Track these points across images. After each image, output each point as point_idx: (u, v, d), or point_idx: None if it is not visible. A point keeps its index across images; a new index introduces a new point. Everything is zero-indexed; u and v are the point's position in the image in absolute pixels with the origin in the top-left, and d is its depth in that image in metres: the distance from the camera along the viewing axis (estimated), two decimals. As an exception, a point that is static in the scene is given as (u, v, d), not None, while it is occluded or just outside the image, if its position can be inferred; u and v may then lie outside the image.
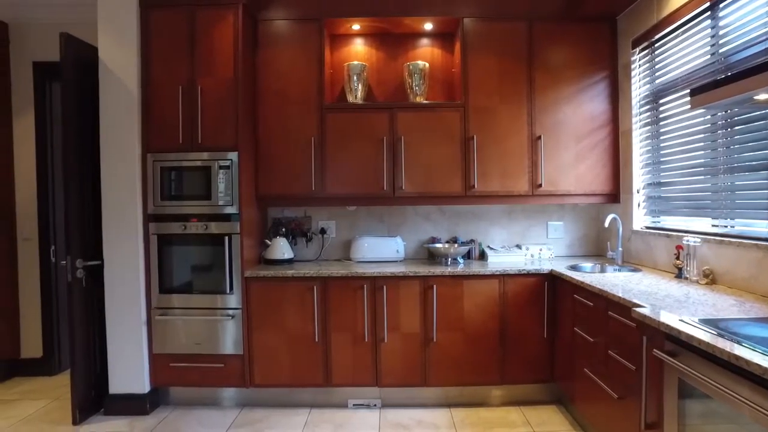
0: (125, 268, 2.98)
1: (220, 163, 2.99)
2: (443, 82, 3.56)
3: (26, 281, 3.74)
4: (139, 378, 3.00)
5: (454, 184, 3.27)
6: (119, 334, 3.00)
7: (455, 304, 3.02)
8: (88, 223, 3.01)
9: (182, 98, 2.99)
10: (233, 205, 2.99)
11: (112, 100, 2.96)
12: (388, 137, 3.25)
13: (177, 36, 3.01)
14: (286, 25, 3.25)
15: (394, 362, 3.02)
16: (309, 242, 3.57)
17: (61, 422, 2.94)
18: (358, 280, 3.01)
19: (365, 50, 3.57)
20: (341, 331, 3.02)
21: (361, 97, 3.38)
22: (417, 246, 3.62)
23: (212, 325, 3.02)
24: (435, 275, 3.01)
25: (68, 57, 2.84)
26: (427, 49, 3.57)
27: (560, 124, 3.27)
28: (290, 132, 3.24)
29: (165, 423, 2.91)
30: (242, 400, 3.14)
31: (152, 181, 3.01)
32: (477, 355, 3.02)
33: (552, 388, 3.10)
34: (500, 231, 3.63)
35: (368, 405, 3.09)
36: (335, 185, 3.26)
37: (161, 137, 3.01)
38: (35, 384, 3.60)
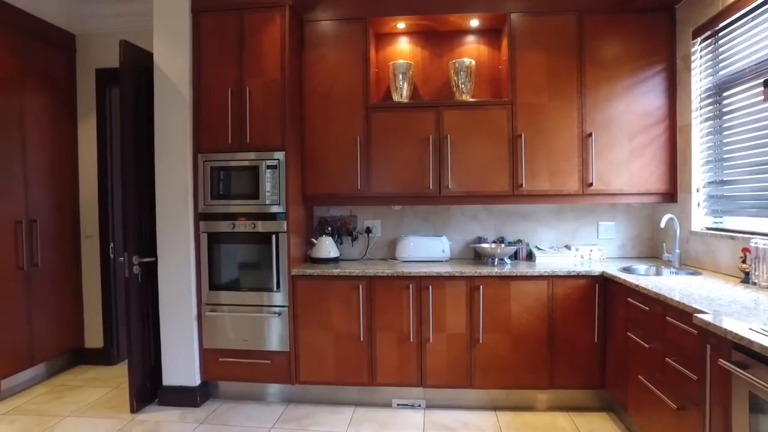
0: (177, 264, 3.09)
1: (267, 162, 3.05)
2: (490, 79, 3.49)
3: (89, 276, 3.96)
4: (190, 371, 3.11)
5: (501, 183, 3.20)
6: (172, 328, 3.12)
7: (502, 306, 2.95)
8: (144, 222, 3.14)
9: (231, 100, 3.07)
10: (280, 204, 3.05)
11: (166, 103, 3.08)
12: (434, 136, 3.22)
13: (226, 39, 3.09)
14: (331, 25, 3.27)
15: (439, 363, 3.00)
16: (354, 241, 3.59)
17: (120, 410, 3.09)
18: (404, 280, 3.00)
19: (410, 48, 3.55)
20: (386, 331, 3.02)
21: (406, 95, 3.36)
22: (463, 246, 3.57)
23: (259, 321, 3.09)
24: (481, 276, 2.96)
25: (126, 63, 2.98)
26: (473, 46, 3.51)
27: (612, 120, 3.14)
28: (336, 131, 3.27)
29: (214, 415, 3.00)
30: (288, 396, 3.19)
31: (202, 180, 3.11)
32: (524, 358, 2.95)
33: (602, 395, 2.99)
34: (548, 231, 3.53)
35: (412, 405, 3.08)
36: (381, 184, 3.26)
37: (211, 138, 3.10)
38: (97, 372, 3.80)
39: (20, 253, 3.40)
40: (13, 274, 3.35)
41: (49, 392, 3.42)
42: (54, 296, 3.69)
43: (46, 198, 3.63)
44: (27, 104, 3.48)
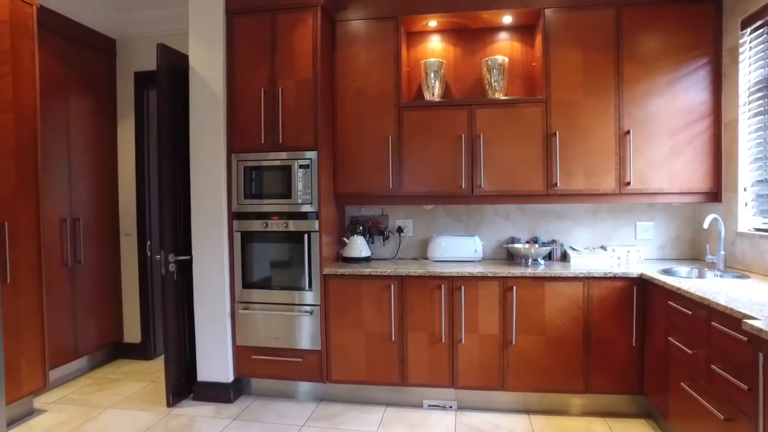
0: (211, 263, 3.15)
1: (299, 162, 3.07)
2: (523, 76, 3.43)
3: (127, 273, 4.09)
4: (224, 368, 3.17)
5: (535, 183, 3.13)
6: (206, 325, 3.18)
7: (536, 307, 2.90)
8: (179, 221, 3.22)
9: (264, 100, 3.11)
10: (312, 204, 3.07)
11: (201, 104, 3.14)
12: (466, 134, 3.18)
13: (259, 41, 3.12)
14: (362, 24, 3.27)
15: (471, 364, 2.96)
16: (386, 240, 3.59)
17: (157, 403, 3.18)
18: (436, 280, 2.97)
19: (442, 47, 3.52)
20: (418, 331, 3.00)
21: (438, 94, 3.33)
22: (496, 246, 3.52)
23: (291, 320, 3.12)
24: (515, 276, 2.90)
25: (163, 65, 3.05)
26: (506, 43, 3.45)
27: (652, 117, 3.03)
28: (368, 131, 3.27)
29: (247, 411, 3.04)
30: (319, 394, 3.21)
31: (236, 180, 3.16)
32: (558, 361, 2.88)
33: (641, 401, 2.89)
34: (584, 231, 3.44)
35: (443, 406, 3.05)
36: (412, 184, 3.24)
37: (244, 138, 3.15)
38: (135, 366, 3.92)
39: (65, 250, 3.54)
40: (59, 270, 3.49)
41: (92, 384, 3.55)
42: (95, 292, 3.82)
43: (88, 197, 3.76)
44: (72, 107, 3.62)
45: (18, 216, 2.85)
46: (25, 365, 2.89)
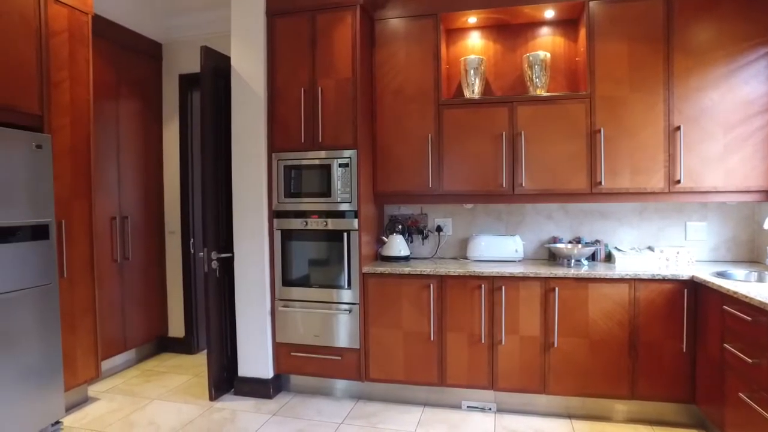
0: (252, 260, 3.21)
1: (339, 161, 3.09)
2: (566, 72, 3.34)
3: (172, 269, 4.22)
4: (264, 364, 3.22)
5: (578, 181, 3.04)
6: (247, 322, 3.24)
7: (579, 309, 2.81)
8: (221, 219, 3.29)
9: (304, 99, 3.14)
10: (352, 202, 3.08)
11: (242, 104, 3.20)
12: (507, 132, 3.12)
13: (299, 41, 3.16)
14: (401, 22, 3.26)
15: (512, 366, 2.90)
16: (425, 240, 3.56)
17: (200, 396, 3.26)
18: (476, 280, 2.93)
19: (482, 43, 3.47)
20: (457, 331, 2.97)
21: (478, 91, 3.28)
22: (537, 246, 3.44)
23: (330, 318, 3.14)
24: (557, 277, 2.83)
25: (207, 67, 3.13)
26: (548, 38, 3.37)
27: (705, 112, 2.89)
28: (407, 129, 3.26)
29: (287, 408, 3.09)
30: (356, 392, 3.22)
31: (276, 179, 3.20)
32: (602, 365, 2.79)
33: (692, 410, 2.76)
34: (629, 231, 3.32)
35: (482, 408, 3.01)
36: (452, 182, 3.20)
37: (285, 137, 3.19)
38: (179, 360, 4.04)
39: (114, 247, 3.69)
40: (109, 266, 3.64)
41: (139, 376, 3.68)
42: (142, 288, 3.97)
43: (135, 196, 3.90)
44: (121, 110, 3.77)
45: (73, 214, 2.98)
46: (80, 355, 3.02)
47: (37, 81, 2.75)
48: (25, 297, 2.59)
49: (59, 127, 2.89)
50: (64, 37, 2.91)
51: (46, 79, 2.80)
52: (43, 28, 2.77)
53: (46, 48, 2.79)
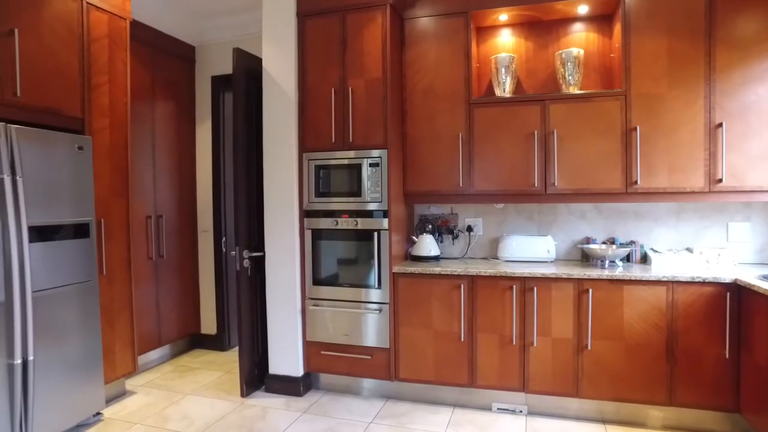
0: (283, 259, 3.25)
1: (369, 160, 3.10)
2: (600, 69, 3.26)
3: (204, 268, 4.31)
4: (294, 362, 3.26)
5: (612, 180, 2.97)
6: (278, 320, 3.28)
7: (613, 311, 2.75)
8: (253, 218, 3.34)
9: (334, 99, 3.16)
10: (382, 202, 3.08)
11: (274, 105, 3.24)
12: (539, 131, 3.07)
13: (329, 41, 3.18)
14: (431, 21, 3.24)
15: (544, 368, 2.86)
16: (455, 239, 3.54)
17: (231, 393, 3.32)
18: (507, 280, 2.90)
19: (513, 41, 3.42)
20: (487, 332, 2.94)
21: (509, 90, 3.24)
22: (569, 246, 3.37)
23: (360, 317, 3.15)
24: (591, 278, 2.77)
25: (239, 68, 3.18)
26: (581, 34, 3.30)
27: (750, 107, 2.78)
28: (437, 128, 3.24)
29: (316, 406, 3.11)
30: (385, 392, 3.22)
31: (307, 179, 3.23)
32: (638, 369, 2.72)
33: (736, 420, 2.66)
34: (667, 232, 3.22)
35: (513, 410, 2.97)
36: (483, 182, 3.17)
37: (315, 137, 3.22)
38: (211, 357, 4.12)
39: (150, 245, 3.79)
40: (145, 264, 3.74)
41: (174, 371, 3.77)
42: (176, 285, 4.06)
43: (169, 195, 4.00)
44: (156, 111, 3.87)
45: (112, 213, 3.08)
46: (119, 350, 3.12)
47: (79, 85, 2.84)
48: (68, 293, 2.69)
49: (99, 129, 2.98)
50: (104, 42, 3.00)
51: (87, 82, 2.89)
52: (85, 34, 2.87)
53: (87, 53, 2.88)
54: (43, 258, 2.55)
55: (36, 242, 2.51)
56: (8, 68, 2.45)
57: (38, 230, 2.52)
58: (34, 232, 2.50)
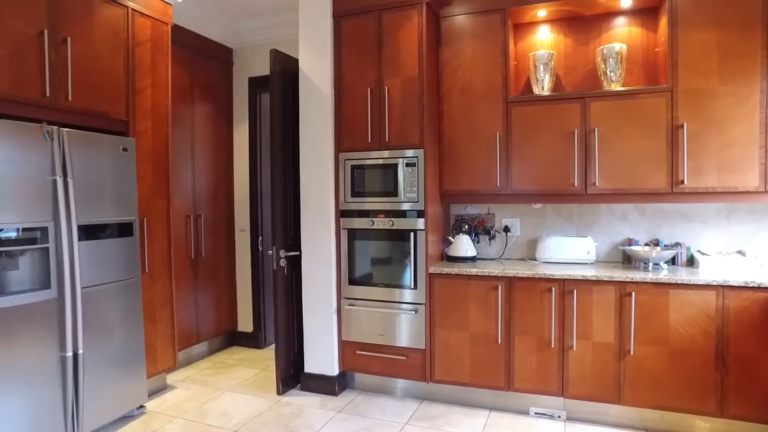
0: (319, 259, 3.27)
1: (405, 160, 3.08)
2: (643, 64, 3.15)
3: (241, 266, 4.38)
4: (330, 361, 3.27)
5: (657, 180, 2.87)
6: (313, 319, 3.31)
7: (658, 316, 2.65)
8: (289, 218, 3.38)
9: (370, 99, 3.16)
10: (418, 202, 3.06)
11: (310, 105, 3.27)
12: (579, 129, 2.99)
13: (365, 40, 3.18)
14: (468, 19, 3.20)
15: (583, 373, 2.78)
16: (492, 240, 3.49)
17: (267, 390, 3.37)
18: (546, 282, 2.83)
19: (551, 37, 3.35)
20: (525, 335, 2.89)
21: (548, 87, 3.17)
22: (610, 248, 3.27)
23: (395, 317, 3.14)
24: (634, 281, 2.68)
25: (276, 69, 3.22)
26: (624, 29, 3.19)
27: (808, 103, 2.63)
28: (474, 127, 3.20)
29: (352, 405, 3.12)
30: (420, 393, 3.21)
31: (343, 178, 3.24)
32: (684, 377, 2.61)
33: (793, 431, 2.53)
34: (715, 234, 3.08)
35: (551, 415, 2.91)
36: (520, 182, 3.12)
37: (351, 137, 3.22)
38: (248, 354, 4.19)
39: (189, 243, 3.88)
40: (185, 262, 3.84)
41: (212, 367, 3.85)
42: (214, 283, 4.15)
43: (208, 195, 4.09)
44: (196, 114, 3.96)
45: (153, 213, 3.17)
46: (160, 346, 3.21)
47: (124, 88, 2.93)
48: (113, 290, 2.78)
49: (142, 131, 3.07)
50: (147, 46, 3.09)
51: (132, 86, 2.98)
52: (130, 39, 2.96)
53: (132, 58, 2.97)
54: (91, 256, 2.64)
55: (84, 240, 2.60)
56: (61, 75, 2.55)
57: (86, 229, 2.62)
58: (82, 230, 2.59)
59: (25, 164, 2.32)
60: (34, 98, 2.44)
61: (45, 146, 2.41)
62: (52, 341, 2.43)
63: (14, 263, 2.31)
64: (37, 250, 2.40)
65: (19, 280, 2.33)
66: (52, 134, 2.44)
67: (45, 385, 2.41)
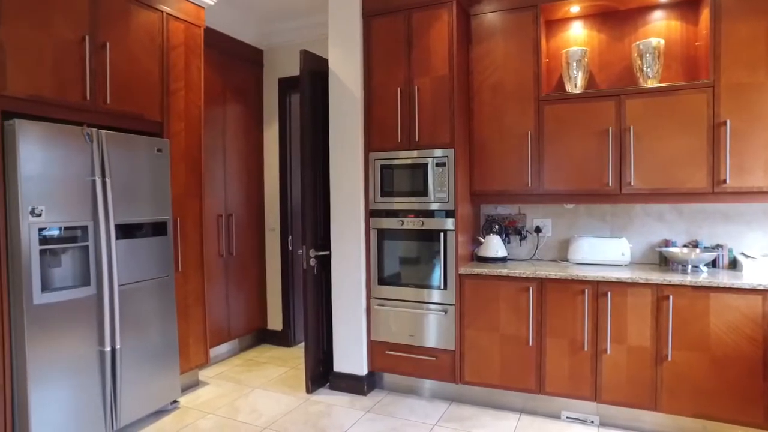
0: (349, 259, 3.28)
1: (435, 160, 3.06)
2: (682, 59, 3.04)
3: (270, 265, 4.44)
4: (358, 361, 3.28)
5: (697, 180, 2.76)
6: (342, 318, 3.32)
7: (698, 320, 2.56)
8: (319, 217, 3.40)
9: (400, 99, 3.15)
10: (448, 202, 3.04)
11: (340, 105, 3.28)
12: (614, 128, 2.91)
13: (395, 40, 3.17)
14: (499, 16, 3.16)
15: (618, 377, 2.71)
16: (523, 240, 3.43)
17: (297, 388, 3.40)
18: (579, 284, 2.77)
19: (584, 34, 3.27)
20: (557, 337, 2.83)
21: (581, 85, 3.10)
22: (645, 249, 3.18)
23: (424, 318, 3.13)
24: (672, 284, 2.59)
25: (305, 69, 3.24)
26: (661, 23, 3.09)
27: None
28: (505, 126, 3.15)
29: (380, 405, 3.12)
30: (449, 394, 3.18)
31: (373, 178, 3.24)
32: (727, 385, 2.51)
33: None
34: (761, 236, 2.95)
35: (584, 420, 2.84)
36: (553, 181, 3.05)
37: (381, 137, 3.22)
38: (278, 352, 4.24)
39: (220, 242, 3.95)
40: (216, 260, 3.91)
41: (242, 365, 3.92)
42: (244, 282, 4.21)
43: (238, 195, 4.15)
44: (227, 115, 4.03)
45: (186, 212, 3.23)
46: (192, 343, 3.28)
47: (159, 91, 3.00)
48: (148, 288, 2.85)
49: (176, 132, 3.14)
50: (181, 50, 3.16)
51: (166, 88, 3.05)
52: (165, 43, 3.03)
53: (166, 60, 3.04)
54: (127, 254, 2.72)
55: (121, 239, 2.67)
56: (100, 78, 2.63)
57: (122, 228, 2.69)
58: (119, 229, 2.67)
59: (67, 165, 2.41)
60: (76, 102, 2.52)
61: (85, 148, 2.49)
62: (91, 336, 2.51)
63: (57, 261, 2.40)
64: (78, 248, 2.48)
65: (62, 276, 2.41)
66: (92, 136, 2.52)
67: (86, 378, 2.49)
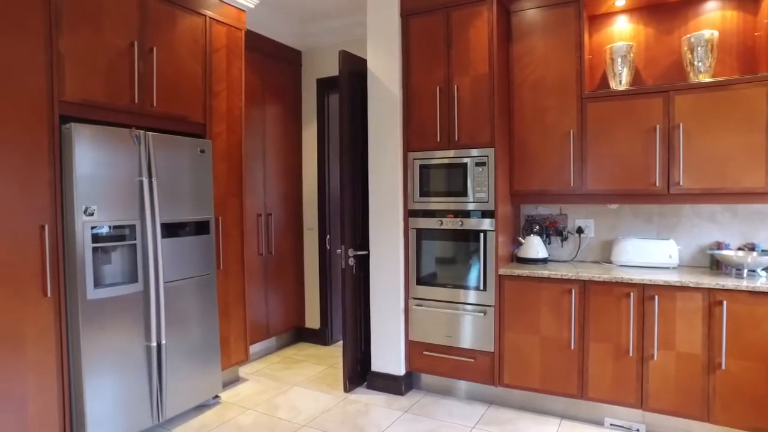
0: (387, 258, 3.28)
1: (475, 160, 3.02)
2: (738, 52, 2.90)
3: (308, 264, 4.49)
4: (396, 361, 3.28)
5: (753, 179, 2.63)
6: (381, 318, 3.32)
7: (755, 328, 2.43)
8: (358, 217, 3.41)
9: (440, 98, 3.12)
10: (488, 202, 3.00)
11: (378, 105, 3.28)
12: (661, 125, 2.80)
13: (433, 39, 3.15)
14: (540, 12, 3.09)
15: (665, 385, 2.61)
16: (564, 241, 3.35)
17: (334, 387, 3.42)
18: (624, 287, 2.68)
19: (630, 28, 3.16)
20: (600, 341, 2.75)
21: (626, 82, 3.00)
22: (695, 251, 3.05)
23: (464, 319, 3.09)
24: (725, 289, 2.48)
25: (344, 70, 3.25)
26: (715, 14, 2.95)
27: None
28: (546, 125, 3.08)
29: (418, 406, 3.10)
30: (487, 396, 3.14)
31: (411, 178, 3.23)
32: (788, 396, 2.38)
33: None
34: (821, 238, 2.79)
35: (628, 428, 2.75)
36: (595, 181, 2.97)
37: (420, 137, 3.20)
38: (315, 350, 4.29)
39: (260, 241, 4.02)
40: (255, 259, 3.98)
41: (280, 362, 3.98)
42: (282, 280, 4.28)
43: (277, 195, 4.22)
44: (267, 115, 4.10)
45: (228, 211, 3.30)
46: (233, 340, 3.35)
47: (202, 93, 3.08)
48: (191, 285, 2.92)
49: (217, 133, 3.21)
50: (223, 52, 3.23)
51: (209, 90, 3.12)
52: (207, 46, 3.10)
53: (209, 63, 3.12)
54: (172, 252, 2.80)
55: (166, 238, 2.76)
56: (147, 82, 2.72)
57: (167, 227, 2.78)
58: (165, 228, 2.75)
59: (117, 166, 2.50)
60: (125, 105, 2.62)
61: (133, 149, 2.58)
62: (138, 331, 2.60)
63: (108, 258, 2.49)
64: (126, 246, 2.57)
65: (112, 273, 2.51)
66: (140, 138, 2.61)
67: (134, 371, 2.58)
